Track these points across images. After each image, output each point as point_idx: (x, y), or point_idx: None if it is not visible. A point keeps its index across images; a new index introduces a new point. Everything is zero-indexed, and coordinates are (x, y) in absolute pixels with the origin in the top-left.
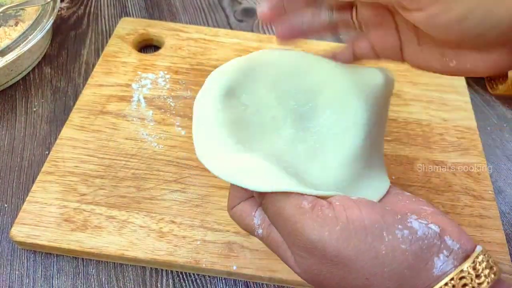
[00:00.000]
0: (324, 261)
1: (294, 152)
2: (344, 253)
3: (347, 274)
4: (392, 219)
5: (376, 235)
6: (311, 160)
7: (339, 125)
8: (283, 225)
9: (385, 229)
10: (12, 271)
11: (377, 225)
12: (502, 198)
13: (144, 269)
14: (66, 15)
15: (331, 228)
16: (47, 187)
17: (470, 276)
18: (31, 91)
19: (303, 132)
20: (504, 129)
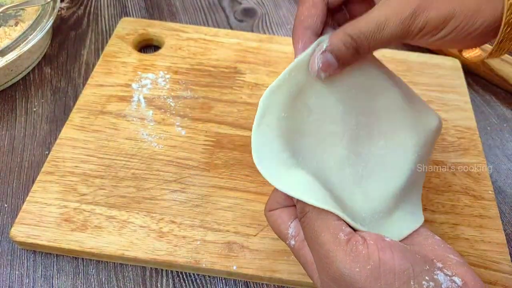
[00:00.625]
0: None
1: (342, 174)
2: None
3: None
4: (421, 268)
5: (404, 282)
6: (355, 187)
7: (389, 158)
8: (317, 249)
9: (412, 278)
10: (12, 271)
11: (406, 272)
12: (502, 198)
13: (144, 269)
14: (66, 15)
15: (362, 266)
16: (47, 187)
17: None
18: (31, 91)
19: (355, 156)
20: (504, 129)
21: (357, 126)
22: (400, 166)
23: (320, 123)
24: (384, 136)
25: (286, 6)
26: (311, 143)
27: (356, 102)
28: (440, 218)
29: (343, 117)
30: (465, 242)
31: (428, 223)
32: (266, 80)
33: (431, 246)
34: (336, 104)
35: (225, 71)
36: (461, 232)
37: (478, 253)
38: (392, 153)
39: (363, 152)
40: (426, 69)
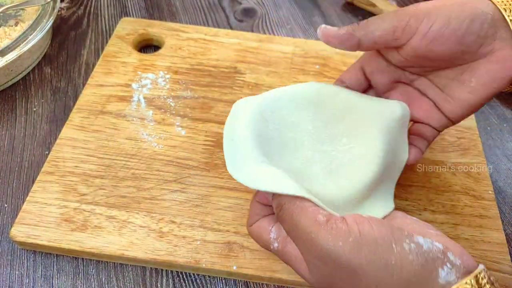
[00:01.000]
0: (337, 270)
1: (310, 171)
2: (356, 262)
3: (358, 282)
4: (400, 234)
5: (386, 246)
6: (326, 180)
7: (356, 151)
8: (299, 236)
9: (394, 242)
10: (12, 271)
11: (387, 238)
12: (502, 198)
13: (144, 269)
14: (66, 15)
15: (344, 239)
16: (47, 187)
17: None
18: (31, 91)
19: (320, 154)
20: (504, 129)
21: (315, 129)
22: (367, 157)
23: (279, 132)
24: (346, 134)
25: (286, 6)
26: (276, 148)
27: (307, 111)
28: (440, 218)
29: (298, 125)
30: (465, 242)
31: (428, 222)
32: (266, 80)
33: (409, 225)
34: (288, 116)
35: (225, 71)
36: (461, 232)
37: (478, 253)
38: (357, 146)
39: (328, 150)
40: None
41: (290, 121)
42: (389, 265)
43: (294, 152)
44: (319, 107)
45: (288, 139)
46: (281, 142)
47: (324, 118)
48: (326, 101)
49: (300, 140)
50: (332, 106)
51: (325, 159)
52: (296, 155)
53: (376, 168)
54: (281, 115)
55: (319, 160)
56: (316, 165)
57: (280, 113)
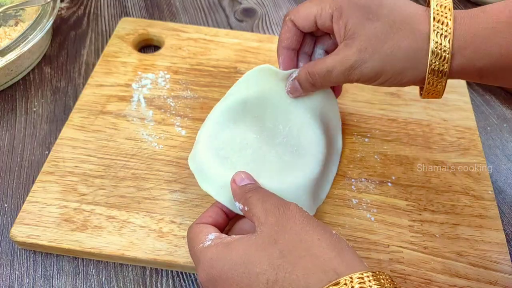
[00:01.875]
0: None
1: (262, 168)
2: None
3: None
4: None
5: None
6: (273, 176)
7: (300, 148)
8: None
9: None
10: (12, 271)
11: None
12: (502, 198)
13: (144, 269)
14: (66, 15)
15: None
16: (47, 187)
17: None
18: (31, 91)
19: (266, 152)
20: (504, 129)
21: (261, 131)
22: (311, 154)
23: (229, 138)
24: (282, 122)
25: (286, 6)
26: (233, 155)
27: (252, 114)
28: (440, 218)
29: (242, 135)
30: (465, 242)
31: (428, 223)
32: None
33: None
34: (227, 124)
35: (225, 71)
36: (461, 232)
37: (478, 253)
38: (301, 143)
39: (272, 148)
40: None
41: (238, 133)
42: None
43: (247, 153)
44: (261, 108)
45: (240, 145)
46: (236, 149)
47: (266, 117)
48: (266, 102)
49: (250, 142)
50: (270, 104)
51: (272, 156)
52: (250, 156)
53: (318, 167)
54: (229, 134)
55: (267, 158)
56: (266, 164)
57: (226, 133)
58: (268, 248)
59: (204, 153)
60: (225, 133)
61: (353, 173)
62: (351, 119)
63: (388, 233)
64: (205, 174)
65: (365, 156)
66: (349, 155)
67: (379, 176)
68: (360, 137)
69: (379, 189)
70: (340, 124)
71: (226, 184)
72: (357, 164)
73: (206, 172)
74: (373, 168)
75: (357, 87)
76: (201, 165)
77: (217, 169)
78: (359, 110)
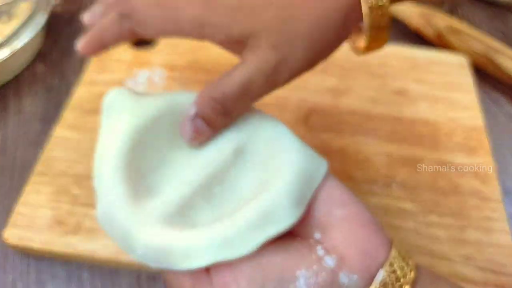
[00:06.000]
0: None
1: (195, 203)
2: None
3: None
4: (273, 286)
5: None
6: (214, 211)
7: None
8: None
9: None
10: (5, 276)
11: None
12: (510, 199)
13: (140, 274)
14: (60, 11)
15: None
16: (39, 188)
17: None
18: (24, 89)
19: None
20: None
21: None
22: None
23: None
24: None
25: None
26: (154, 179)
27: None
28: (447, 221)
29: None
30: (473, 245)
31: (434, 226)
32: None
33: (316, 206)
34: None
35: (222, 68)
36: (468, 235)
37: (486, 256)
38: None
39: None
40: (432, 67)
41: (167, 147)
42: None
43: (174, 181)
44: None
45: (166, 167)
46: (159, 172)
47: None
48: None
49: (187, 163)
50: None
51: (210, 184)
52: (178, 183)
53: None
54: (158, 144)
55: (203, 188)
56: (204, 195)
57: (157, 142)
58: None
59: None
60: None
61: (357, 174)
62: (355, 118)
63: (393, 237)
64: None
65: (369, 156)
66: (353, 155)
67: (384, 177)
68: (363, 137)
69: (384, 190)
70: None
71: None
72: (360, 164)
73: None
74: (377, 169)
75: (361, 85)
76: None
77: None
78: (363, 108)
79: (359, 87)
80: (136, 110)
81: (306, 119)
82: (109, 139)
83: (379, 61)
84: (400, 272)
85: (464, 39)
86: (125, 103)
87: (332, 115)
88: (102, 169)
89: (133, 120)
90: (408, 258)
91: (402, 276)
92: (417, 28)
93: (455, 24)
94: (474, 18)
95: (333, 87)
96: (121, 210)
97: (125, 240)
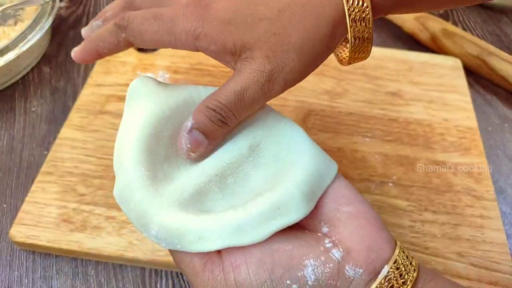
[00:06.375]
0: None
1: (210, 190)
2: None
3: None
4: (282, 271)
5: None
6: (228, 199)
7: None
8: (192, 284)
9: (273, 287)
10: (11, 272)
11: (264, 284)
12: (503, 198)
13: (144, 270)
14: (65, 14)
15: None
16: (46, 188)
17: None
18: (30, 91)
19: (221, 172)
20: (505, 129)
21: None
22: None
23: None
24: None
25: None
26: (171, 164)
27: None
28: (441, 219)
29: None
30: (466, 242)
31: (429, 223)
32: None
33: (322, 202)
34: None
35: (225, 70)
36: (462, 232)
37: (479, 253)
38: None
39: (231, 164)
40: (427, 68)
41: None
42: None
43: (190, 169)
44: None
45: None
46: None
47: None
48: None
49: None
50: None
51: (228, 176)
52: (194, 171)
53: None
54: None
55: (221, 177)
56: (218, 185)
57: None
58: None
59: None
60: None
61: (354, 173)
62: (352, 119)
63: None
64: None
65: (366, 156)
66: (350, 155)
67: (380, 176)
68: (360, 137)
69: (380, 189)
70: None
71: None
72: (357, 164)
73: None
74: (373, 168)
75: (357, 87)
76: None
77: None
78: (359, 110)
79: (356, 89)
80: (159, 98)
81: (304, 120)
82: (132, 123)
83: (375, 64)
84: (404, 269)
85: (458, 42)
86: (149, 91)
87: (329, 116)
88: (123, 150)
89: (156, 107)
90: (411, 257)
91: (406, 273)
92: (412, 31)
93: (449, 27)
94: (469, 21)
95: (330, 89)
96: (139, 191)
97: (140, 219)
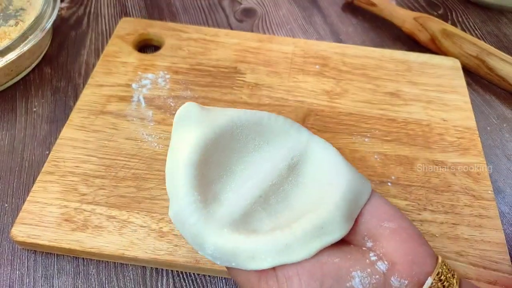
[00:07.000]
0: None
1: (258, 212)
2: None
3: None
4: (331, 282)
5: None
6: (274, 220)
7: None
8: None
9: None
10: (12, 271)
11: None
12: (501, 198)
13: (145, 268)
14: (66, 15)
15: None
16: (47, 187)
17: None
18: (31, 91)
19: (267, 193)
20: (504, 129)
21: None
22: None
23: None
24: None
25: (286, 6)
26: (219, 185)
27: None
28: (440, 218)
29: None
30: (465, 242)
31: (427, 223)
32: (266, 80)
33: (364, 218)
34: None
35: (225, 71)
36: (460, 232)
37: (478, 253)
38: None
39: (276, 188)
40: (426, 69)
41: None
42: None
43: (237, 190)
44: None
45: (234, 174)
46: (225, 179)
47: (272, 149)
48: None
49: (247, 175)
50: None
51: (273, 197)
52: (241, 193)
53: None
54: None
55: (266, 199)
56: (262, 205)
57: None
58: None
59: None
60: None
61: None
62: (351, 119)
63: None
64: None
65: (365, 156)
66: (349, 155)
67: (379, 176)
68: (359, 137)
69: (379, 189)
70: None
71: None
72: (356, 164)
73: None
74: (373, 168)
75: (357, 87)
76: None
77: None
78: (359, 110)
79: (355, 89)
80: (206, 123)
81: (304, 120)
82: (182, 149)
83: (374, 64)
84: (446, 280)
85: (458, 42)
86: (197, 116)
87: (328, 116)
88: (175, 175)
89: (204, 132)
90: (452, 270)
91: (448, 284)
92: (411, 31)
93: (448, 27)
94: (468, 22)
95: (330, 89)
96: (193, 215)
97: (195, 240)
